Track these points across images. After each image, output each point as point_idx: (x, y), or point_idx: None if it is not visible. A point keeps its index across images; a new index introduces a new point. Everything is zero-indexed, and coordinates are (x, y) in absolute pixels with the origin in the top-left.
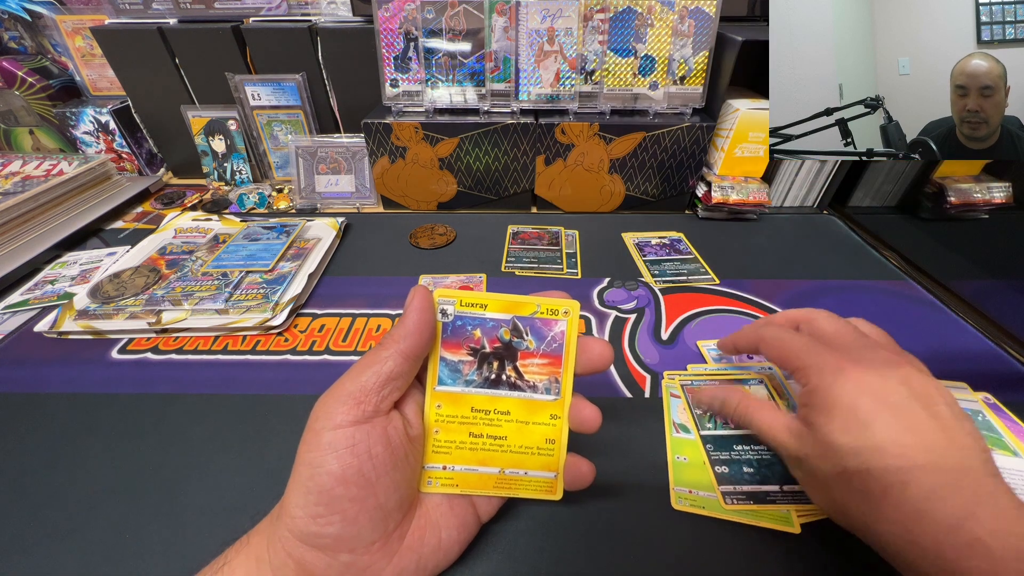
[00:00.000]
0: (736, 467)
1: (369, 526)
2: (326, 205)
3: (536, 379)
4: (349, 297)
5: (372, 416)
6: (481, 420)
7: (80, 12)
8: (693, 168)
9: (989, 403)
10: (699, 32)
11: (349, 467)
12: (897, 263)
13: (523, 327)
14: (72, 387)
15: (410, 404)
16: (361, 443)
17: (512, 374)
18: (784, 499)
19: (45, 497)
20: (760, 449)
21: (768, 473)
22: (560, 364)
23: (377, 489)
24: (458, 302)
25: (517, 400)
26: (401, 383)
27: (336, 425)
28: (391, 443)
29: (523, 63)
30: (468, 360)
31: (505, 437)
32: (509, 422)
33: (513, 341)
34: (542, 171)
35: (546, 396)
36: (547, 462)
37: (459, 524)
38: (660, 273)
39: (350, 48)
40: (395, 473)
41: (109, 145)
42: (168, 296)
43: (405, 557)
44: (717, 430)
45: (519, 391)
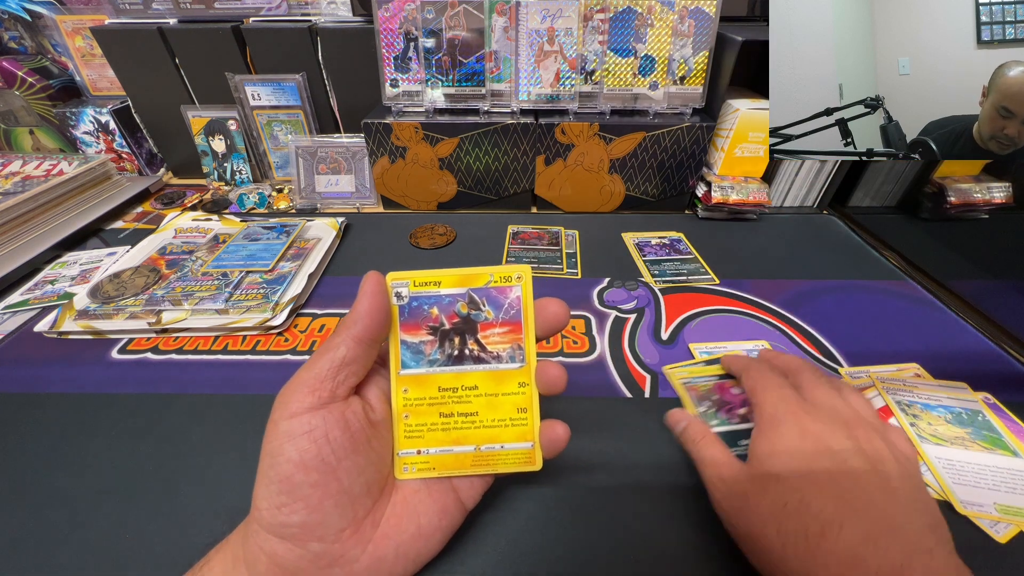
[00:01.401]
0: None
1: (335, 512)
2: (326, 205)
3: (499, 349)
4: (349, 297)
5: (328, 402)
6: (450, 399)
7: (80, 12)
8: (693, 168)
9: (989, 403)
10: (699, 32)
11: (307, 452)
12: (897, 263)
13: (479, 298)
14: (72, 387)
15: (372, 389)
16: (318, 428)
17: (475, 347)
18: None
19: (45, 497)
20: None
21: None
22: (520, 330)
23: (339, 473)
24: (411, 283)
25: (483, 373)
26: (357, 368)
27: (292, 414)
28: (350, 427)
29: (523, 63)
30: (429, 340)
31: (476, 413)
32: (478, 397)
33: (471, 314)
34: (542, 171)
35: (511, 364)
36: (522, 432)
37: (439, 510)
38: (660, 273)
39: (350, 48)
40: (356, 457)
41: (109, 145)
42: (168, 296)
43: (381, 545)
44: (721, 426)
45: (484, 363)
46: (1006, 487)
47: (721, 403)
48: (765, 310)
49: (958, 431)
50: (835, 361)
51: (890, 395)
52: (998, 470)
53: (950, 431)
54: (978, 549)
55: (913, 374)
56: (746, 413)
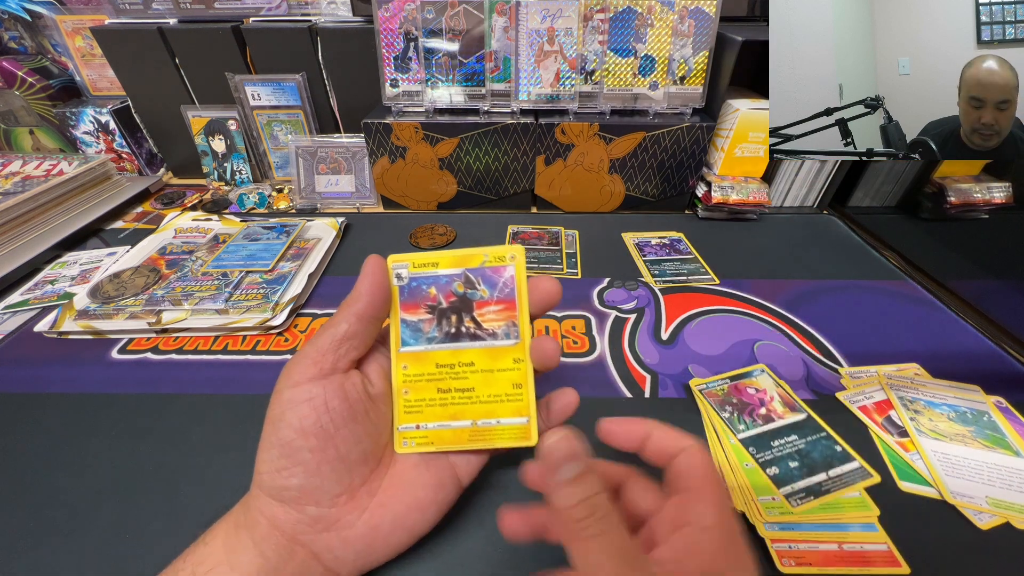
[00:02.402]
0: (783, 464)
1: (332, 477)
2: (326, 205)
3: (494, 326)
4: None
5: (329, 373)
6: (447, 375)
7: (80, 12)
8: (693, 168)
9: (1001, 407)
10: (699, 32)
11: (306, 419)
12: (897, 263)
13: (475, 278)
14: (72, 387)
15: (373, 365)
16: (318, 397)
17: (471, 325)
18: (834, 485)
19: (45, 497)
20: (792, 440)
21: (809, 462)
22: (515, 307)
23: (336, 440)
24: (411, 264)
25: (479, 350)
26: (357, 343)
27: (295, 383)
28: (348, 398)
29: (523, 63)
30: (427, 318)
31: (473, 388)
32: (475, 373)
33: (467, 293)
34: (542, 171)
35: (506, 341)
36: (517, 407)
37: (435, 483)
38: (660, 273)
39: (350, 48)
40: (354, 425)
41: (109, 145)
42: (168, 296)
43: (377, 514)
44: (749, 431)
45: (480, 340)
46: (1001, 483)
47: (742, 406)
48: (765, 310)
49: (960, 428)
50: (835, 361)
51: (894, 391)
52: (996, 467)
53: (951, 428)
54: (959, 535)
55: (913, 374)
56: (767, 414)
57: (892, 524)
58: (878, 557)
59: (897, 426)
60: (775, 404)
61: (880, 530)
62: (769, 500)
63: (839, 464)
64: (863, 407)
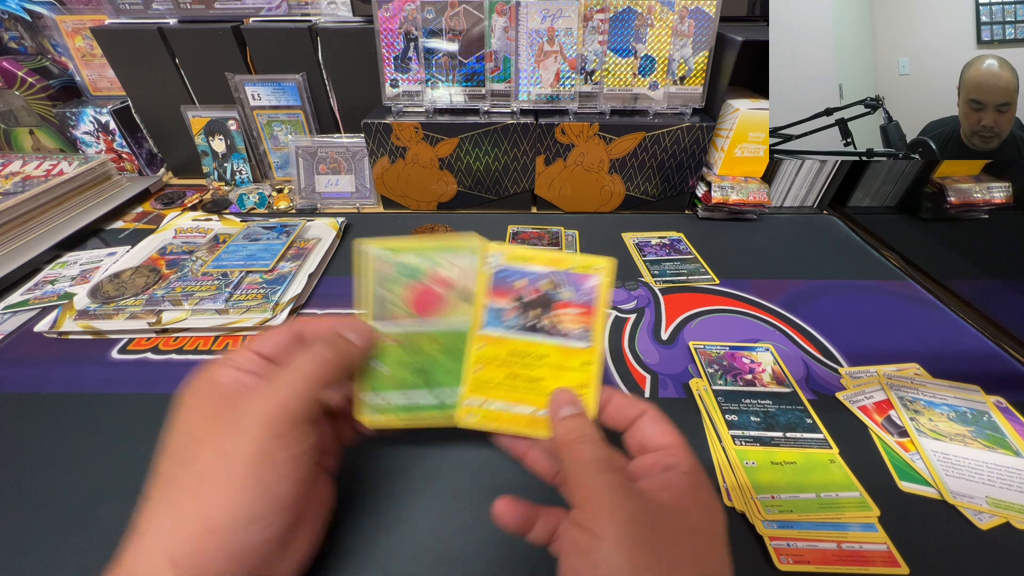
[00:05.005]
0: (744, 416)
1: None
2: (326, 205)
3: (570, 327)
4: (349, 297)
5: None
6: (518, 362)
7: (80, 12)
8: (693, 168)
9: (1001, 407)
10: (699, 32)
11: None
12: (897, 263)
13: (561, 280)
14: (72, 387)
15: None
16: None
17: (549, 321)
18: (785, 443)
19: (45, 497)
20: (765, 404)
21: (771, 421)
22: (592, 314)
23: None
24: (504, 256)
25: (553, 346)
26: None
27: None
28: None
29: (523, 63)
30: (511, 307)
31: (541, 379)
32: (545, 366)
33: (551, 292)
34: (542, 171)
35: (579, 343)
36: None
37: (323, 500)
38: (660, 273)
39: (350, 48)
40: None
41: (109, 145)
42: (168, 296)
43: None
44: (727, 386)
45: (554, 336)
46: (1001, 483)
47: (730, 368)
48: (765, 310)
49: (959, 428)
50: (835, 361)
51: (893, 391)
52: (996, 467)
53: (951, 428)
54: (959, 535)
55: (913, 374)
56: (751, 379)
57: (892, 524)
58: (877, 557)
59: (897, 426)
60: (764, 376)
61: (880, 530)
62: (768, 499)
63: (801, 431)
64: (863, 407)
